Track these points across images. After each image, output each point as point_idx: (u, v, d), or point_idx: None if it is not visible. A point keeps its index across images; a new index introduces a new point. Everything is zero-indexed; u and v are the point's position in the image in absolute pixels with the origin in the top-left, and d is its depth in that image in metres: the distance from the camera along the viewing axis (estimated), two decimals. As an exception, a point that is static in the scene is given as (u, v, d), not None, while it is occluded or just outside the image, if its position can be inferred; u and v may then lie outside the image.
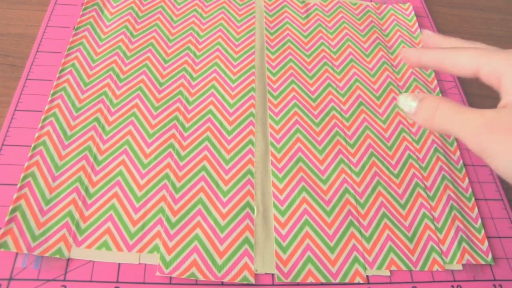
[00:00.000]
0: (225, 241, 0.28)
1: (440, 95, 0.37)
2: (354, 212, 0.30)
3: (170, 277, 0.26)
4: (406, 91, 0.37)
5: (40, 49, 0.34)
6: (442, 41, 0.32)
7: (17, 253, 0.26)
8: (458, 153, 0.34)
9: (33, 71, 0.33)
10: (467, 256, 0.29)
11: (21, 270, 0.25)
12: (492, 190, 0.33)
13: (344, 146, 0.33)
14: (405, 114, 0.27)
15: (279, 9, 0.41)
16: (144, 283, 0.26)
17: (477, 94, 0.39)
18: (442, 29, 0.44)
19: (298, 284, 0.27)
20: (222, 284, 0.26)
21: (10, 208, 0.26)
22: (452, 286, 0.28)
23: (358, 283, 0.28)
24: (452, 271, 0.29)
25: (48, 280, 0.25)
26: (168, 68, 0.35)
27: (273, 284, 0.27)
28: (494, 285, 0.29)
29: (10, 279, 0.25)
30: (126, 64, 0.34)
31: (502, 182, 0.34)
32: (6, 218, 0.26)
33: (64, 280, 0.25)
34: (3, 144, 0.29)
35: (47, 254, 0.25)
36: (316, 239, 0.28)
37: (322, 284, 0.27)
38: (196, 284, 0.26)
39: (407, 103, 0.27)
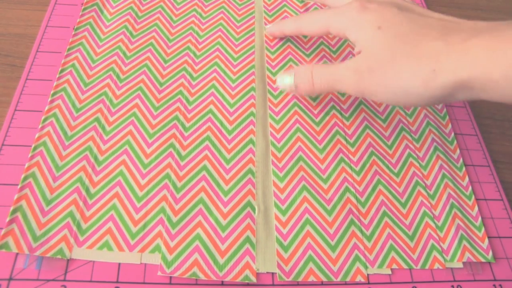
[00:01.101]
0: (226, 241, 0.28)
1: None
2: (355, 210, 0.30)
3: (170, 277, 0.26)
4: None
5: (40, 49, 0.34)
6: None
7: (17, 253, 0.25)
8: (458, 151, 0.34)
9: (33, 71, 0.33)
10: (467, 254, 0.29)
11: (21, 270, 0.25)
12: (492, 190, 0.33)
13: (344, 145, 0.33)
14: (289, 91, 0.32)
15: (279, 9, 0.41)
16: (144, 283, 0.26)
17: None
18: (441, 29, 0.44)
19: (298, 284, 0.27)
20: (223, 284, 0.26)
21: (11, 209, 0.26)
22: (452, 286, 0.28)
23: (359, 282, 0.28)
24: (452, 270, 0.29)
25: (48, 280, 0.25)
26: (168, 68, 0.35)
27: (273, 284, 0.27)
28: (494, 285, 0.29)
29: (10, 279, 0.25)
30: (126, 64, 0.34)
31: (502, 182, 0.34)
32: (7, 219, 0.26)
33: (64, 280, 0.25)
34: (3, 144, 0.29)
35: (48, 255, 0.25)
36: (317, 238, 0.29)
37: (323, 283, 0.27)
38: (196, 284, 0.26)
39: (284, 82, 0.32)
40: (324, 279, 0.27)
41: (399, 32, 0.26)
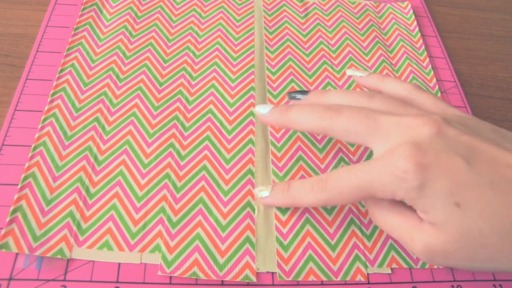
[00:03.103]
0: (226, 240, 0.28)
1: (439, 94, 0.37)
2: (355, 210, 0.30)
3: (170, 277, 0.26)
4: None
5: (40, 49, 0.34)
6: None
7: (17, 253, 0.25)
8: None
9: (33, 71, 0.33)
10: (467, 254, 0.29)
11: (21, 270, 0.25)
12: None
13: (344, 145, 0.33)
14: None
15: (278, 8, 0.41)
16: (144, 283, 0.26)
17: (477, 94, 0.40)
18: (442, 29, 0.44)
19: (298, 284, 0.27)
20: (223, 283, 0.26)
21: (11, 209, 0.26)
22: (452, 286, 0.28)
23: (359, 281, 0.28)
24: (452, 270, 0.29)
25: (48, 280, 0.25)
26: (167, 68, 0.35)
27: (273, 284, 0.27)
28: (494, 285, 0.29)
29: (10, 279, 0.25)
30: (126, 64, 0.34)
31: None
32: (7, 219, 0.26)
33: (64, 280, 0.25)
34: (3, 144, 0.29)
35: (48, 255, 0.25)
36: (317, 238, 0.29)
37: (323, 283, 0.27)
38: (196, 283, 0.26)
39: None
40: (324, 278, 0.27)
41: (483, 212, 0.20)
